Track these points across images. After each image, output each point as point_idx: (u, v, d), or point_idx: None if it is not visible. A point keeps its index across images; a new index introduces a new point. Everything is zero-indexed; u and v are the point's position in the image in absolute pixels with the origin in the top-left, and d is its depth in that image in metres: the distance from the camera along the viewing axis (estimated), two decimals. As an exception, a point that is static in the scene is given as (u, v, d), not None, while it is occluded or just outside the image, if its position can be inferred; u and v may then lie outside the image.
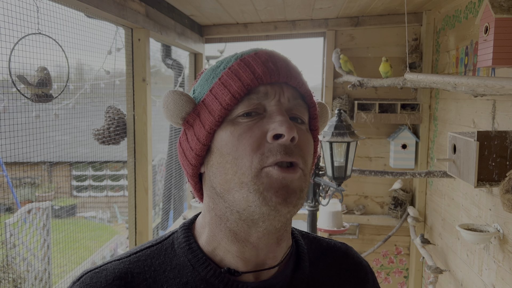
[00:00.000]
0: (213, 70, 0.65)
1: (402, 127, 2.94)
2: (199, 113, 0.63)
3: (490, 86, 1.18)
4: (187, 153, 0.64)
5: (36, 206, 3.15)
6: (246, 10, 2.75)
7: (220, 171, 0.60)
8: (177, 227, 0.69)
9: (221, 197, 0.61)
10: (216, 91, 0.61)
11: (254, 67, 0.61)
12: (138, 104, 2.18)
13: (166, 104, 0.63)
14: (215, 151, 0.61)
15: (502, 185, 1.53)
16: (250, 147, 0.58)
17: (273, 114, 0.60)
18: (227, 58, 0.66)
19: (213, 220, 0.63)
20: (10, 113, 1.49)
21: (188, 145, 0.64)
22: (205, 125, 0.61)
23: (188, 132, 0.64)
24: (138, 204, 2.23)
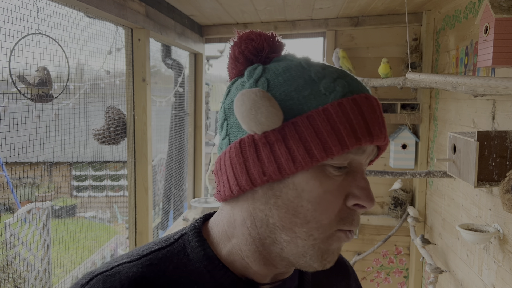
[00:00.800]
0: (307, 82, 0.56)
1: (402, 127, 2.94)
2: (285, 136, 0.54)
3: (493, 86, 1.18)
4: (253, 170, 0.56)
5: (36, 206, 3.15)
6: (246, 10, 2.75)
7: (288, 209, 0.56)
8: (185, 229, 0.65)
9: (269, 228, 0.57)
10: (319, 127, 0.53)
11: (368, 123, 0.54)
12: (138, 104, 2.18)
13: (256, 110, 0.54)
14: (290, 186, 0.55)
15: (502, 185, 1.53)
16: (332, 208, 0.55)
17: (358, 175, 0.57)
18: (326, 73, 0.57)
19: (245, 238, 0.60)
20: (10, 113, 1.49)
21: (259, 164, 0.55)
22: (295, 160, 0.53)
23: (263, 148, 0.55)
24: (138, 204, 2.23)
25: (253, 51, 0.60)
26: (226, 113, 0.60)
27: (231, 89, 0.62)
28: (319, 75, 0.56)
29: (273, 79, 0.57)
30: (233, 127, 0.59)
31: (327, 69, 0.58)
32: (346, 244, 3.19)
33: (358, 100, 0.55)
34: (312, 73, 0.57)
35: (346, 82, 0.56)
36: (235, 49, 0.61)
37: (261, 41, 0.60)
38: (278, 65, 0.59)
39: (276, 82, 0.56)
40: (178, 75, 3.15)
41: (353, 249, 3.20)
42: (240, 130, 0.57)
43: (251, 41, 0.60)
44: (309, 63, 0.59)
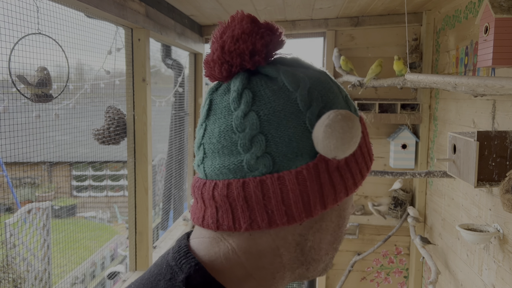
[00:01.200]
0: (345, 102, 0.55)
1: (402, 127, 2.94)
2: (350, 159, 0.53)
3: (490, 86, 1.19)
4: (326, 197, 0.51)
5: (36, 206, 3.15)
6: (246, 10, 2.73)
7: (329, 230, 0.54)
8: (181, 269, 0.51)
9: (304, 252, 0.53)
10: (364, 152, 0.55)
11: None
12: (138, 104, 2.18)
13: (357, 137, 0.50)
14: (336, 208, 0.54)
15: (502, 185, 1.53)
16: None
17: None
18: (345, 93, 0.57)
19: (277, 266, 0.53)
20: (10, 113, 1.49)
21: (332, 189, 0.51)
22: (355, 183, 0.53)
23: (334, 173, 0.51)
24: (138, 204, 2.23)
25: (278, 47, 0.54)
26: (263, 124, 0.50)
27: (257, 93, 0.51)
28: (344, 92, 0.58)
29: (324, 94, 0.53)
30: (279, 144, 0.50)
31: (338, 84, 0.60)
32: (346, 244, 3.19)
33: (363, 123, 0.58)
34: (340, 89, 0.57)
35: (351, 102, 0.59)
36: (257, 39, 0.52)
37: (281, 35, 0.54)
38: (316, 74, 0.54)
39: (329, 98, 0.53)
40: (178, 75, 3.15)
41: (353, 249, 3.20)
42: (294, 150, 0.50)
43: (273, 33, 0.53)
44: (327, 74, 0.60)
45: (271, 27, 0.53)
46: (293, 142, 0.49)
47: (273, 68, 0.52)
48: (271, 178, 0.49)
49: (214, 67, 0.53)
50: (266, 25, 0.53)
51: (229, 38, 0.52)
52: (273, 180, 0.49)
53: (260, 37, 0.52)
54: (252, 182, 0.50)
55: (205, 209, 0.53)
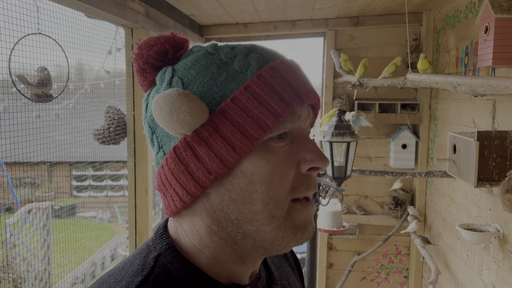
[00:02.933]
0: (220, 67, 0.54)
1: (402, 127, 2.94)
2: (217, 127, 0.52)
3: (494, 86, 1.18)
4: (198, 173, 0.53)
5: (36, 206, 3.15)
6: (246, 10, 2.75)
7: (244, 199, 0.54)
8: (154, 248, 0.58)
9: (235, 224, 0.55)
10: (247, 106, 0.52)
11: (293, 86, 0.54)
12: (138, 104, 2.18)
13: (177, 110, 0.51)
14: (239, 176, 0.53)
15: (502, 185, 1.53)
16: (286, 179, 0.54)
17: (303, 140, 0.56)
18: (236, 52, 0.56)
19: (218, 244, 0.57)
20: (10, 113, 1.49)
21: (201, 165, 0.53)
22: (235, 147, 0.52)
23: (199, 147, 0.53)
24: (138, 204, 2.23)
25: (157, 57, 0.58)
26: (151, 126, 0.58)
27: (148, 101, 0.60)
28: (229, 55, 0.55)
29: (185, 75, 0.55)
30: (163, 138, 0.56)
31: (236, 48, 0.56)
32: (346, 244, 3.19)
33: (275, 67, 0.54)
34: (222, 56, 0.55)
35: (259, 54, 0.55)
36: (139, 60, 0.58)
37: (161, 44, 0.58)
38: (186, 60, 0.57)
39: (190, 77, 0.55)
40: (178, 75, 3.15)
41: (353, 249, 3.20)
42: (171, 138, 0.55)
43: (151, 47, 0.58)
44: (216, 47, 0.57)
45: (146, 45, 0.59)
46: (164, 130, 0.56)
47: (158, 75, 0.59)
48: (161, 167, 0.57)
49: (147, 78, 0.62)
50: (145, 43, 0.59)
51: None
52: (161, 170, 0.57)
53: (141, 57, 0.59)
54: (157, 174, 0.58)
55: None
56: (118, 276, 0.56)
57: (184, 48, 0.59)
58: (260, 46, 0.58)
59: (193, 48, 0.59)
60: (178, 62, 0.58)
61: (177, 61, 0.58)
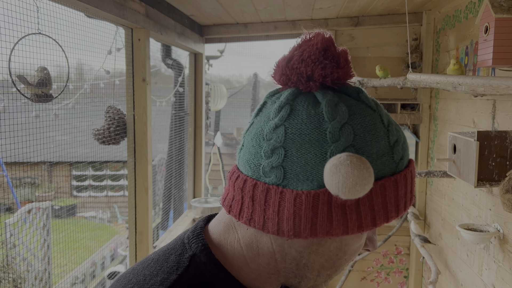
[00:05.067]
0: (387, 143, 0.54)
1: (402, 127, 2.94)
2: (358, 202, 0.53)
3: (495, 86, 1.18)
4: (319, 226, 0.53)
5: (36, 206, 3.15)
6: (246, 10, 2.75)
7: (328, 259, 0.58)
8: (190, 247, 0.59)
9: (299, 266, 0.58)
10: (387, 198, 0.54)
11: (411, 195, 0.59)
12: (138, 104, 2.18)
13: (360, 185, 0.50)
14: (337, 240, 0.57)
15: (502, 185, 1.53)
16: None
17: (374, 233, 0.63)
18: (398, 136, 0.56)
19: (270, 269, 0.58)
20: (10, 113, 1.49)
21: (327, 222, 0.53)
22: (360, 226, 0.53)
23: (336, 209, 0.52)
24: (138, 204, 2.23)
25: (334, 81, 0.56)
26: (287, 140, 0.53)
27: (294, 109, 0.55)
28: (393, 138, 0.55)
29: (359, 133, 0.53)
30: (295, 164, 0.52)
31: (397, 129, 0.58)
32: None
33: (411, 170, 0.58)
34: (390, 135, 0.55)
35: (407, 149, 0.58)
36: (316, 66, 0.55)
37: (344, 73, 0.57)
38: (363, 113, 0.54)
39: (363, 139, 0.53)
40: (178, 75, 3.15)
41: (353, 249, 3.20)
42: (307, 175, 0.52)
43: (337, 66, 0.56)
44: (385, 117, 0.57)
45: (338, 59, 0.56)
46: (308, 166, 0.52)
47: (324, 94, 0.55)
48: (276, 189, 0.53)
49: (277, 72, 0.58)
50: (335, 56, 0.56)
51: (297, 56, 0.56)
52: (277, 192, 0.53)
53: (322, 68, 0.55)
54: (261, 186, 0.54)
55: (228, 192, 0.59)
56: (153, 269, 0.57)
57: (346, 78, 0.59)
58: (404, 137, 0.59)
59: (360, 93, 0.58)
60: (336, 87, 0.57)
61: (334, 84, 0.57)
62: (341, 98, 0.56)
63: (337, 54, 0.56)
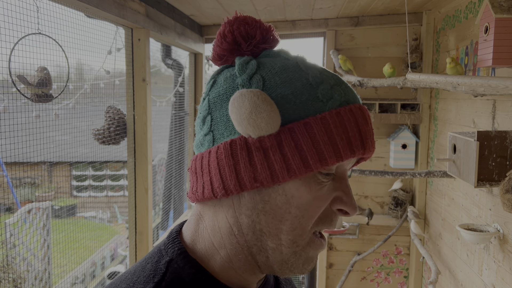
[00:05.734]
0: (305, 87, 0.54)
1: (402, 127, 2.93)
2: (281, 142, 0.52)
3: (493, 86, 1.18)
4: (244, 175, 0.53)
5: (36, 206, 3.15)
6: (246, 10, 2.75)
7: (275, 215, 0.54)
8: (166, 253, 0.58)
9: (256, 234, 0.56)
10: (316, 137, 0.52)
11: (362, 136, 0.54)
12: (138, 104, 2.18)
13: (258, 114, 0.51)
14: (280, 192, 0.54)
15: (502, 185, 1.53)
16: (318, 212, 0.55)
17: (343, 182, 0.57)
18: (323, 78, 0.55)
19: (234, 248, 0.57)
20: (10, 113, 1.49)
21: (251, 169, 0.52)
22: (289, 168, 0.52)
23: (256, 153, 0.52)
24: (138, 204, 2.23)
25: (244, 34, 0.57)
26: (211, 106, 0.57)
27: (216, 80, 0.58)
28: (317, 79, 0.55)
29: (269, 78, 0.54)
30: (219, 123, 0.55)
31: (323, 73, 0.56)
32: (346, 244, 3.19)
33: (354, 111, 0.54)
34: (310, 76, 0.55)
35: (343, 91, 0.56)
36: (226, 26, 0.57)
37: (255, 27, 0.57)
38: (274, 62, 0.56)
39: (273, 82, 0.54)
40: (178, 75, 3.15)
41: (353, 249, 3.20)
42: (229, 129, 0.54)
43: (245, 24, 0.57)
44: (306, 64, 0.57)
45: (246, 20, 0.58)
46: (229, 121, 0.54)
47: (239, 58, 0.57)
48: (206, 153, 0.56)
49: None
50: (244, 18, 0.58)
51: (216, 37, 0.60)
52: (205, 155, 0.56)
53: (230, 25, 0.58)
54: (199, 157, 0.57)
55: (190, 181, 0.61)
56: (130, 281, 0.56)
57: (271, 45, 0.60)
58: (344, 82, 0.58)
59: (280, 52, 0.59)
60: (259, 54, 0.59)
61: (258, 52, 0.59)
62: (259, 59, 0.58)
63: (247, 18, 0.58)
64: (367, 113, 0.57)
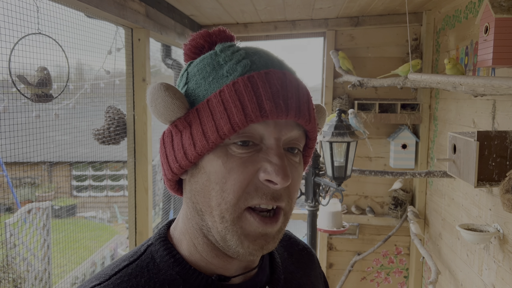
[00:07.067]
0: (214, 68, 0.57)
1: (402, 127, 2.93)
2: (190, 123, 0.56)
3: (496, 86, 1.18)
4: (170, 158, 0.59)
5: (36, 206, 3.15)
6: (246, 10, 2.74)
7: (204, 193, 0.57)
8: (150, 239, 0.64)
9: (199, 215, 0.58)
10: (215, 109, 0.54)
11: (262, 99, 0.53)
12: (138, 104, 2.18)
13: (155, 102, 0.56)
14: (202, 171, 0.57)
15: (502, 185, 1.53)
16: (239, 184, 0.54)
17: (270, 152, 0.55)
18: (234, 56, 0.57)
19: (191, 230, 0.61)
20: (10, 113, 1.49)
21: (173, 152, 0.59)
22: (196, 145, 0.55)
23: (175, 137, 0.58)
24: (138, 204, 2.23)
25: (192, 49, 0.63)
26: None
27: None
28: (226, 59, 0.57)
29: (191, 70, 0.60)
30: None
31: (238, 52, 0.58)
32: (346, 244, 3.19)
33: (256, 77, 0.54)
34: (221, 58, 0.58)
35: (251, 61, 0.56)
36: (185, 48, 0.65)
37: (197, 39, 0.62)
38: (202, 56, 0.61)
39: (192, 73, 0.59)
40: (178, 75, 3.14)
41: (353, 249, 3.20)
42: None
43: (191, 40, 0.63)
44: (223, 49, 0.59)
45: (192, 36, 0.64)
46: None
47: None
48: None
49: None
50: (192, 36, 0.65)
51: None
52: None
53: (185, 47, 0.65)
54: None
55: None
56: (116, 260, 0.63)
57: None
58: (263, 52, 0.58)
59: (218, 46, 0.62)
60: None
61: None
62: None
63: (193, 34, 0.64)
64: (281, 76, 0.56)
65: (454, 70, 1.82)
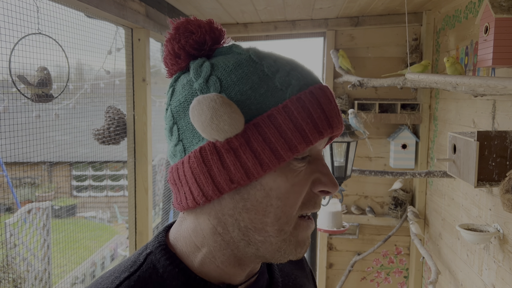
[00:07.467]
0: (262, 79, 0.54)
1: (402, 127, 2.94)
2: (248, 139, 0.52)
3: (492, 86, 1.18)
4: (219, 179, 0.53)
5: (36, 206, 3.15)
6: (246, 10, 2.75)
7: (258, 210, 0.54)
8: (148, 247, 0.61)
9: (242, 231, 0.56)
10: (282, 127, 0.52)
11: (327, 113, 0.54)
12: (138, 104, 2.18)
13: (218, 118, 0.51)
14: (258, 188, 0.54)
15: (502, 185, 1.53)
16: (300, 197, 0.56)
17: (319, 162, 0.57)
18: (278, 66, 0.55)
19: (219, 245, 0.58)
20: (10, 113, 1.49)
21: (225, 171, 0.53)
22: (262, 163, 0.52)
23: (227, 155, 0.52)
24: (138, 204, 2.23)
25: (195, 46, 0.57)
26: (174, 116, 0.57)
27: (175, 88, 0.58)
28: (272, 69, 0.54)
29: (225, 77, 0.54)
30: (186, 132, 0.56)
31: (278, 61, 0.56)
32: (346, 244, 3.19)
33: (314, 93, 0.54)
34: (264, 67, 0.55)
35: (300, 74, 0.55)
36: (174, 44, 0.57)
37: (202, 34, 0.57)
38: (227, 60, 0.55)
39: (229, 81, 0.54)
40: (178, 75, 3.14)
41: (353, 249, 3.20)
42: (196, 136, 0.54)
43: (191, 34, 0.57)
44: (259, 55, 0.56)
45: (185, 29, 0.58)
46: (194, 129, 0.55)
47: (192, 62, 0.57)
48: (179, 163, 0.56)
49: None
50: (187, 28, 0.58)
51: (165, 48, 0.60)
52: (179, 166, 0.56)
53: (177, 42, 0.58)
54: (174, 168, 0.58)
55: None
56: (112, 271, 0.60)
57: (221, 41, 0.59)
58: (300, 65, 0.58)
59: (232, 47, 0.58)
60: (212, 54, 0.58)
61: (212, 53, 0.58)
62: (212, 59, 0.57)
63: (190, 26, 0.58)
64: (328, 91, 0.56)
65: (452, 68, 1.82)
